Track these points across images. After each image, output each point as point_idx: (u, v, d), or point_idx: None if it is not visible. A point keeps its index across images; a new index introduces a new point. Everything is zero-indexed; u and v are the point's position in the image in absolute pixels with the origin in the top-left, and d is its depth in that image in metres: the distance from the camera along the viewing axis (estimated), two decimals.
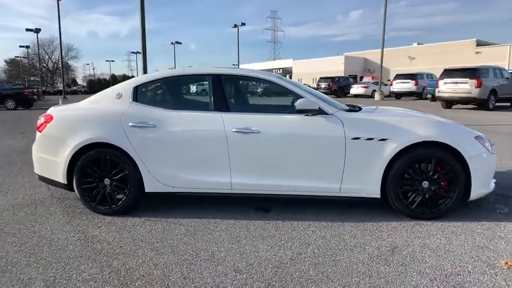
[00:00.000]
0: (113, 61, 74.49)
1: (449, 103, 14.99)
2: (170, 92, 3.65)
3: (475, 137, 3.10)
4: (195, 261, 2.46)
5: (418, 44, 51.70)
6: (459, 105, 15.47)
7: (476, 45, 40.82)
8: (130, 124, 3.23)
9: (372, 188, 3.10)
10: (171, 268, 2.37)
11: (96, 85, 65.97)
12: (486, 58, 37.60)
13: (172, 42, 46.68)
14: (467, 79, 13.64)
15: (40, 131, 3.44)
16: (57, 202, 3.76)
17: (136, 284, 2.19)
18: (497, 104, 14.25)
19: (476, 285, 2.10)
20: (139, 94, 3.41)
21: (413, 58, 48.25)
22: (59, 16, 23.02)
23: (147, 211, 3.42)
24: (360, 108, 3.46)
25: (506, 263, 2.33)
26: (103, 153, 3.26)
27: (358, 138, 3.03)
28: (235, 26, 36.26)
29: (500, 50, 38.84)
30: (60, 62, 70.01)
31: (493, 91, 13.71)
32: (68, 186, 3.39)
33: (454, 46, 43.35)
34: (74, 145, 3.24)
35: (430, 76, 24.22)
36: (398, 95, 24.14)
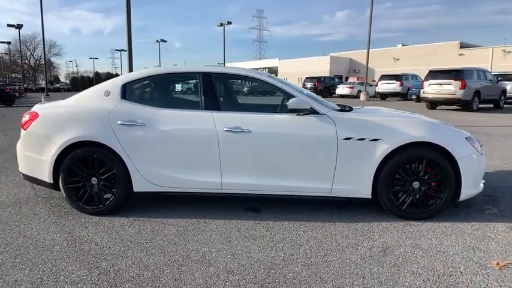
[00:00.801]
0: (97, 58, 73.26)
1: (433, 104, 15.27)
2: (159, 90, 3.57)
3: (465, 138, 3.14)
4: (186, 262, 2.41)
5: (402, 45, 52.58)
6: (443, 106, 15.78)
7: (460, 47, 41.76)
8: (118, 122, 3.15)
9: (363, 189, 3.11)
10: (162, 269, 2.32)
11: (79, 83, 64.70)
12: (469, 60, 38.52)
13: (157, 40, 46.13)
14: (452, 80, 13.92)
15: (25, 129, 3.32)
16: (42, 202, 3.64)
17: (127, 285, 2.13)
18: (480, 106, 14.59)
19: (468, 286, 2.12)
20: (128, 92, 3.33)
21: (397, 59, 49.03)
22: (42, 12, 22.44)
23: (135, 211, 3.35)
24: (351, 109, 3.47)
25: (498, 263, 2.36)
26: (90, 151, 3.17)
27: (350, 138, 3.04)
28: (221, 24, 36.08)
29: (483, 52, 39.83)
30: (42, 59, 68.51)
31: (477, 92, 14.02)
32: (54, 186, 3.29)
33: (437, 48, 44.24)
34: (60, 143, 3.14)
35: (414, 77, 24.64)
36: (384, 96, 24.48)
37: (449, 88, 13.99)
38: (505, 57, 37.83)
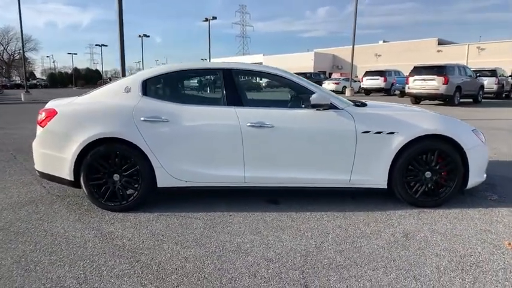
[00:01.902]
0: (76, 54, 70.92)
1: (418, 99, 15.79)
2: (180, 86, 3.61)
3: (472, 130, 3.36)
4: (224, 253, 2.50)
5: (383, 41, 53.75)
6: (427, 101, 16.34)
7: (438, 44, 43.14)
8: (142, 118, 3.18)
9: (379, 179, 3.27)
10: (202, 261, 2.40)
11: (57, 79, 62.65)
12: (447, 56, 39.86)
13: (139, 35, 45.21)
14: (435, 76, 14.45)
15: (42, 126, 3.30)
16: (58, 200, 3.62)
17: (172, 277, 2.21)
18: (461, 100, 15.21)
19: (489, 264, 2.32)
20: (149, 88, 3.35)
21: (379, 55, 50.14)
22: (20, 5, 21.57)
23: (158, 206, 3.39)
24: (365, 104, 3.62)
25: (510, 243, 2.58)
26: (113, 148, 3.19)
27: (368, 131, 3.19)
28: (207, 19, 35.76)
29: (459, 49, 41.32)
30: (16, 54, 65.60)
31: (458, 88, 14.62)
32: (74, 183, 3.29)
33: (417, 44, 45.53)
34: (82, 140, 3.14)
35: (397, 73, 25.33)
36: (368, 91, 25.03)
37: (433, 83, 14.52)
38: (479, 54, 39.39)
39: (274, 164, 3.24)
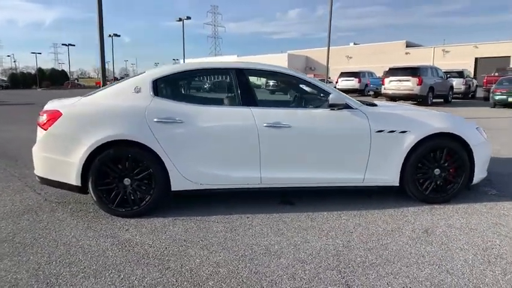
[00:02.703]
0: (40, 53, 67.40)
1: (393, 99, 16.33)
2: (192, 86, 3.51)
3: (476, 128, 3.51)
4: (255, 256, 2.45)
5: (354, 44, 55.34)
6: (402, 101, 16.95)
7: (406, 47, 44.96)
8: (155, 120, 3.05)
9: (392, 177, 3.34)
10: (235, 265, 2.33)
11: (19, 79, 59.21)
12: (414, 58, 41.66)
13: (110, 35, 43.63)
14: (410, 77, 15.02)
15: (45, 129, 3.09)
16: (58, 207, 3.40)
17: (210, 283, 2.13)
18: (434, 100, 15.92)
19: (511, 257, 2.42)
20: (160, 88, 3.23)
21: (350, 57, 51.57)
22: None
23: (170, 211, 3.27)
24: (375, 104, 3.69)
25: None
26: (124, 151, 3.05)
27: (382, 131, 3.25)
28: (180, 19, 35.15)
29: (426, 51, 43.29)
30: None
31: (431, 88, 15.29)
32: (81, 189, 3.11)
33: (386, 47, 47.24)
34: (90, 143, 2.97)
35: (370, 74, 26.12)
36: (343, 92, 25.56)
37: (408, 84, 15.09)
38: (444, 56, 41.49)
39: (290, 164, 3.22)
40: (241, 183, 3.22)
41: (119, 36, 43.88)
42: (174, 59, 73.78)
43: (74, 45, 55.65)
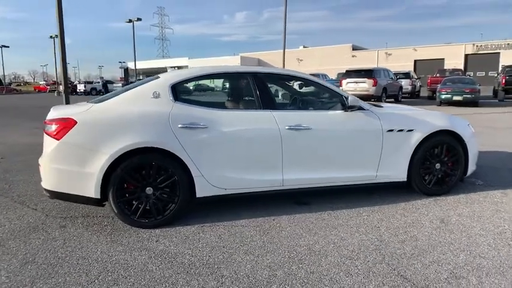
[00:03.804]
0: None
1: None
2: (212, 91, 3.45)
3: (467, 125, 3.88)
4: (302, 257, 2.49)
5: (303, 47, 57.24)
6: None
7: (352, 50, 47.52)
8: (179, 126, 2.97)
9: (400, 173, 3.58)
10: (288, 267, 2.36)
11: None
12: (360, 61, 44.18)
13: (51, 36, 40.47)
14: (366, 79, 15.98)
15: (58, 139, 2.85)
16: (68, 222, 3.15)
17: (274, 287, 2.14)
18: (386, 100, 17.06)
19: None
20: (179, 93, 3.15)
21: (301, 60, 53.25)
22: None
23: (191, 218, 3.19)
24: (382, 105, 3.91)
25: None
26: (148, 158, 2.92)
27: (392, 130, 3.47)
28: (130, 21, 33.77)
29: (370, 54, 46.12)
30: None
31: (384, 89, 16.40)
32: (99, 201, 2.92)
33: (334, 50, 49.53)
34: (112, 152, 2.81)
35: (324, 76, 27.20)
36: None
37: (364, 85, 16.03)
38: (387, 58, 44.53)
39: (310, 165, 3.31)
40: (265, 186, 3.24)
41: None
42: (120, 62, 70.46)
43: (8, 47, 50.76)
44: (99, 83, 36.12)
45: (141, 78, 41.04)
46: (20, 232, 2.98)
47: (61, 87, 39.54)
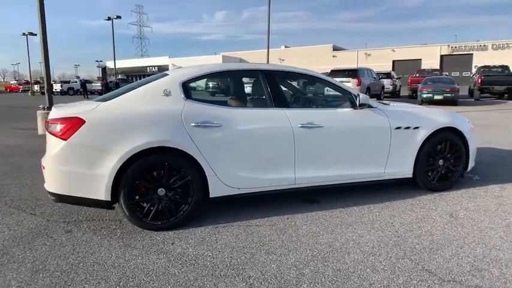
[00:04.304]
0: None
1: None
2: (223, 88, 3.38)
3: (467, 121, 3.99)
4: (326, 255, 2.48)
5: (285, 47, 57.60)
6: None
7: (333, 50, 48.22)
8: (192, 124, 2.89)
9: (406, 170, 3.63)
10: (314, 265, 2.34)
11: None
12: (340, 61, 44.88)
13: (24, 33, 38.86)
14: (350, 78, 16.19)
15: (65, 139, 2.71)
16: (72, 227, 3.01)
17: (304, 286, 2.11)
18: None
19: None
20: (190, 90, 3.07)
21: (282, 60, 53.49)
22: None
23: (202, 219, 3.12)
24: (388, 103, 3.96)
25: None
26: (161, 159, 2.83)
27: (400, 127, 3.52)
28: (109, 18, 32.88)
29: (350, 54, 46.95)
30: None
31: (368, 88, 16.68)
32: (109, 204, 2.80)
33: (315, 50, 50.10)
34: (123, 153, 2.70)
35: None
36: None
37: (348, 85, 16.23)
38: (367, 58, 45.45)
39: (322, 163, 3.31)
40: (278, 184, 3.22)
41: (35, 35, 39.20)
42: (97, 61, 68.54)
43: None
44: (76, 82, 34.98)
45: (120, 77, 40.09)
46: (22, 239, 2.82)
47: (35, 87, 38.11)
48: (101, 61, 68.27)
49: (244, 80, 3.62)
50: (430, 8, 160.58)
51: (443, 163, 3.79)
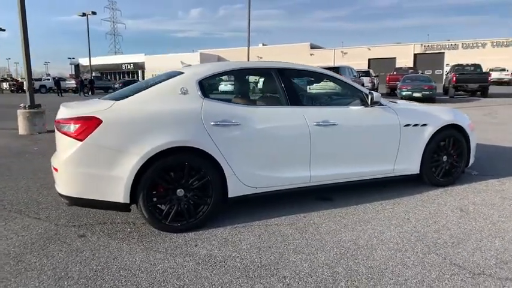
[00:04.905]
0: None
1: None
2: (239, 86, 3.32)
3: (468, 118, 4.13)
4: (353, 252, 2.50)
5: (263, 44, 57.66)
6: None
7: (311, 48, 48.75)
8: (212, 123, 2.83)
9: (413, 166, 3.72)
10: (345, 263, 2.35)
11: None
12: (318, 59, 45.44)
13: None
14: None
15: (81, 139, 2.58)
16: (84, 231, 2.88)
17: (342, 284, 2.11)
18: None
19: None
20: (206, 89, 3.00)
21: (261, 57, 53.55)
22: None
23: (219, 219, 3.07)
24: (396, 101, 4.03)
25: None
26: (181, 159, 2.75)
27: (409, 125, 3.59)
28: (84, 14, 31.68)
29: (327, 52, 47.63)
30: None
31: None
32: (127, 206, 2.70)
33: (292, 48, 50.47)
34: (144, 153, 2.61)
35: None
36: None
37: (331, 83, 16.49)
38: (343, 57, 46.27)
39: (336, 161, 3.33)
40: (294, 183, 3.21)
41: (4, 30, 37.20)
42: (69, 58, 66.08)
43: None
44: (49, 80, 33.52)
45: (94, 75, 38.78)
46: (34, 245, 2.67)
47: (4, 85, 36.19)
48: (73, 58, 65.90)
49: (255, 78, 3.58)
50: (402, 8, 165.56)
51: (447, 159, 3.92)
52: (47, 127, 8.74)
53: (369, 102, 3.40)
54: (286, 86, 3.23)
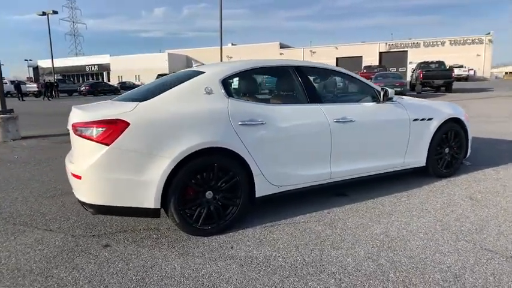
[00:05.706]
0: None
1: None
2: (260, 85, 3.27)
3: (464, 112, 4.36)
4: (390, 245, 2.56)
5: (232, 44, 57.49)
6: None
7: (280, 47, 49.25)
8: (239, 123, 2.78)
9: (420, 159, 3.88)
10: (387, 255, 2.40)
11: None
12: (287, 58, 45.99)
13: None
14: None
15: (107, 143, 2.44)
16: (108, 241, 2.74)
17: (391, 275, 2.16)
18: None
19: None
20: (230, 88, 2.95)
21: (230, 57, 53.38)
22: None
23: (244, 220, 3.03)
24: (403, 97, 4.16)
25: None
26: (209, 160, 2.68)
27: (417, 119, 3.74)
28: (44, 13, 29.99)
29: (297, 51, 48.33)
30: None
31: None
32: (157, 212, 2.60)
33: (262, 47, 50.76)
34: (176, 155, 2.52)
35: None
36: None
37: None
38: (312, 56, 47.18)
39: (354, 157, 3.40)
40: (316, 180, 3.23)
41: None
42: (26, 60, 62.36)
43: None
44: (7, 83, 31.42)
45: (60, 78, 36.86)
46: (56, 258, 2.50)
47: None
48: (30, 60, 62.28)
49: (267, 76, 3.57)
50: (363, 8, 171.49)
51: (449, 151, 4.11)
52: (21, 133, 8.22)
53: (381, 98, 3.50)
54: (305, 84, 3.25)
